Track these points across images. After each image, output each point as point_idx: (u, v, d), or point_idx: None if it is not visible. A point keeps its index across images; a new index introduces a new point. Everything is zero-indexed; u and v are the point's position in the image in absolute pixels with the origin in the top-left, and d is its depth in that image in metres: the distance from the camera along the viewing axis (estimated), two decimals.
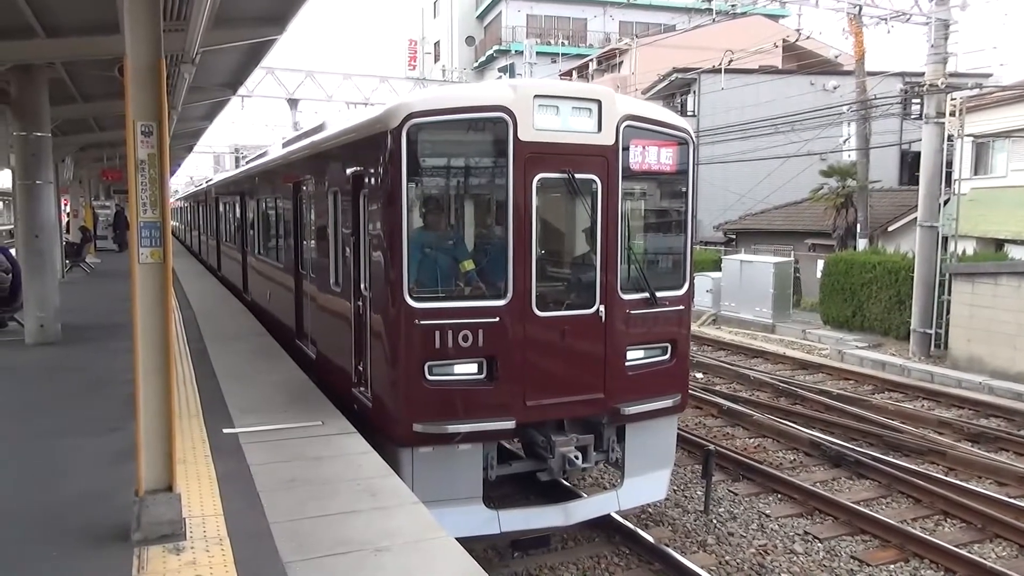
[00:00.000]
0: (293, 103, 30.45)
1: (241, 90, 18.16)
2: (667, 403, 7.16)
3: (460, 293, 6.61)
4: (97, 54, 10.06)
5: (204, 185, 27.53)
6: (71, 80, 12.31)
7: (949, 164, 17.38)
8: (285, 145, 12.05)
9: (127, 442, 4.59)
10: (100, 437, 6.23)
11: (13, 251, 11.75)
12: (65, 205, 25.02)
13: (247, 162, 19.03)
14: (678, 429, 8.65)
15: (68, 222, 25.62)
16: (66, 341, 10.44)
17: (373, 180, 6.54)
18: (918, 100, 19.00)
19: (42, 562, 4.13)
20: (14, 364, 9.43)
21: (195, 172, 62.26)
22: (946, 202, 17.32)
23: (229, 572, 3.97)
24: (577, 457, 6.62)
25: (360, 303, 7.02)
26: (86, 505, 4.90)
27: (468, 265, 6.63)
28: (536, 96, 6.35)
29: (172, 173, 47.42)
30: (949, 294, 15.97)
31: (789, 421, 11.45)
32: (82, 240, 24.25)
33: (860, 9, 18.74)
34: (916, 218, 17.64)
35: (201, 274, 21.15)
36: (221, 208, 19.03)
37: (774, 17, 37.56)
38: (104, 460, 5.67)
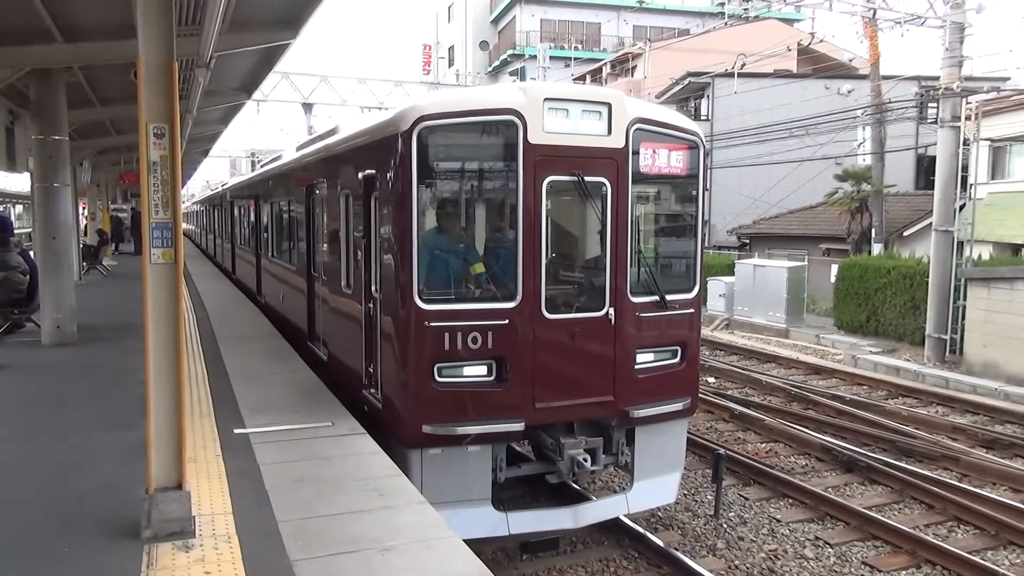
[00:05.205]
0: (308, 107, 30.74)
1: (256, 94, 18.27)
2: (677, 406, 7.15)
3: (470, 295, 6.63)
4: (114, 58, 10.18)
5: (219, 189, 27.75)
6: (88, 84, 12.46)
7: (965, 168, 17.24)
8: (298, 149, 12.14)
9: (139, 440, 4.64)
10: (113, 435, 6.31)
11: (32, 253, 11.89)
12: (83, 208, 25.32)
13: (261, 166, 19.18)
14: (689, 433, 8.64)
15: (86, 225, 25.92)
16: (82, 341, 10.55)
17: (384, 183, 6.58)
18: (934, 104, 18.88)
19: (54, 557, 4.19)
20: (31, 364, 9.54)
21: (211, 176, 62.76)
22: (962, 207, 17.18)
23: (237, 569, 4.00)
24: (586, 459, 6.62)
25: (371, 305, 7.07)
26: (98, 502, 4.96)
27: (478, 268, 6.66)
28: (546, 99, 6.38)
29: (188, 177, 47.94)
30: (964, 299, 15.83)
31: (801, 426, 11.38)
32: (99, 243, 24.51)
33: (874, 12, 18.65)
34: (932, 223, 17.50)
35: (216, 276, 21.31)
36: (236, 212, 19.18)
37: (788, 21, 37.47)
38: (117, 457, 5.74)
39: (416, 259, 6.15)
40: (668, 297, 7.01)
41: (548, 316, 6.45)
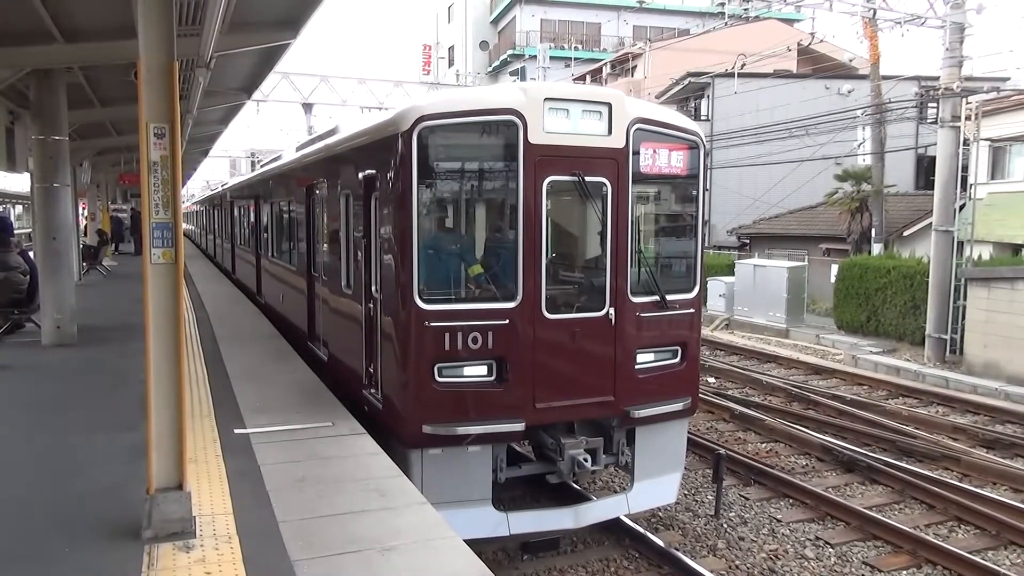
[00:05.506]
0: (308, 107, 30.76)
1: (256, 94, 18.27)
2: (677, 406, 7.15)
3: (470, 295, 6.63)
4: (114, 59, 10.18)
5: (219, 189, 27.75)
6: (89, 84, 12.46)
7: (965, 168, 17.23)
8: (298, 149, 12.14)
9: (140, 440, 4.64)
10: (113, 435, 6.31)
11: (32, 253, 11.89)
12: (83, 208, 25.33)
13: (261, 166, 19.19)
14: (689, 433, 8.64)
15: (85, 225, 25.92)
16: (82, 342, 10.54)
17: (384, 183, 6.58)
18: (934, 104, 18.87)
19: (55, 558, 4.19)
20: (31, 364, 9.54)
21: (211, 176, 62.81)
22: (962, 207, 17.17)
23: (238, 569, 4.00)
24: (586, 460, 6.62)
25: (371, 305, 7.06)
26: (98, 502, 4.96)
27: (477, 269, 6.67)
28: (546, 99, 6.38)
29: (188, 177, 47.93)
30: (965, 299, 15.82)
31: (801, 426, 11.38)
32: (99, 243, 24.51)
33: (874, 12, 18.65)
34: (932, 223, 17.49)
35: (216, 277, 21.30)
36: (235, 212, 19.18)
37: (788, 21, 37.47)
38: (118, 458, 5.74)
39: (416, 259, 6.15)
40: (668, 297, 7.01)
41: (548, 316, 6.45)
